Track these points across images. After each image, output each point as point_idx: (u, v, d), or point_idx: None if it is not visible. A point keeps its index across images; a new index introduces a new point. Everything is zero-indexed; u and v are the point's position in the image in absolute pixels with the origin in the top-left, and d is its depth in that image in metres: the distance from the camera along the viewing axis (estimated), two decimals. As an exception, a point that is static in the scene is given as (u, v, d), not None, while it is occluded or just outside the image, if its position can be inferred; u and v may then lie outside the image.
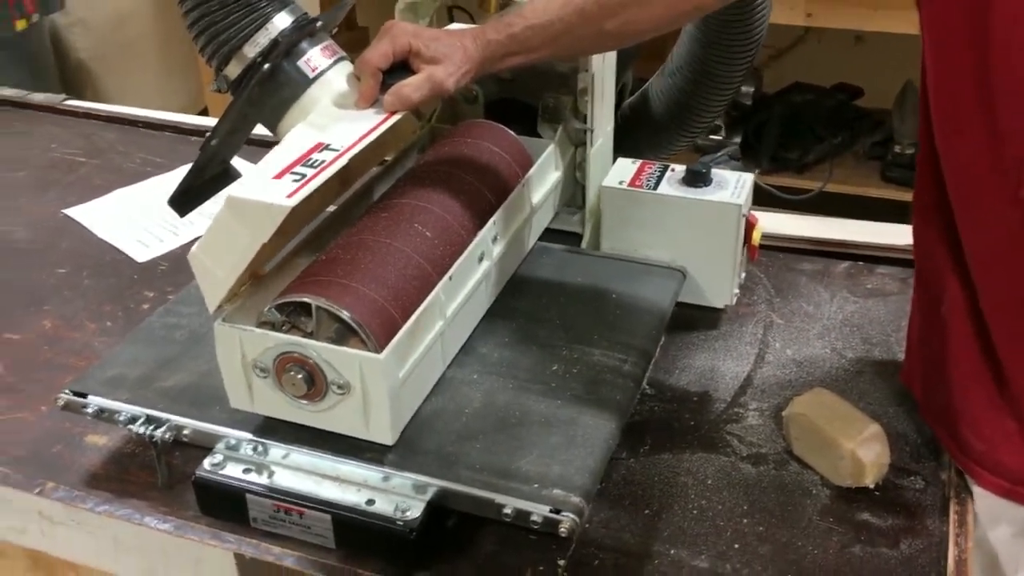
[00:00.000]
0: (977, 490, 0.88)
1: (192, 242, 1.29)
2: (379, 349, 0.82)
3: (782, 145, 2.42)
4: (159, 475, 0.93)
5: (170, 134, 1.63)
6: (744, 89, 2.44)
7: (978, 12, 0.73)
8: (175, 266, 1.27)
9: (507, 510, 0.80)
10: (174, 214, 0.97)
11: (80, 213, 1.38)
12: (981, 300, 0.83)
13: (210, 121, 1.67)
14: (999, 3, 0.73)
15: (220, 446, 0.88)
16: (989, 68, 0.74)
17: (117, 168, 1.50)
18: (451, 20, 1.20)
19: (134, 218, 1.36)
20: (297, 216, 0.91)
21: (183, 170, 0.94)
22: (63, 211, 1.39)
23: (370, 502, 0.82)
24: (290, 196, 0.77)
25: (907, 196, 2.32)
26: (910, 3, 0.83)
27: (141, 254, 1.29)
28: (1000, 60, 0.74)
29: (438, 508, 0.82)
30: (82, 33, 3.16)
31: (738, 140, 2.40)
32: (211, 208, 0.91)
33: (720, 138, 2.36)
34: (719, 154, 1.18)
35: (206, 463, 0.86)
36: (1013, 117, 0.75)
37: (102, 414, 0.93)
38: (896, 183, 2.45)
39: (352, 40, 2.97)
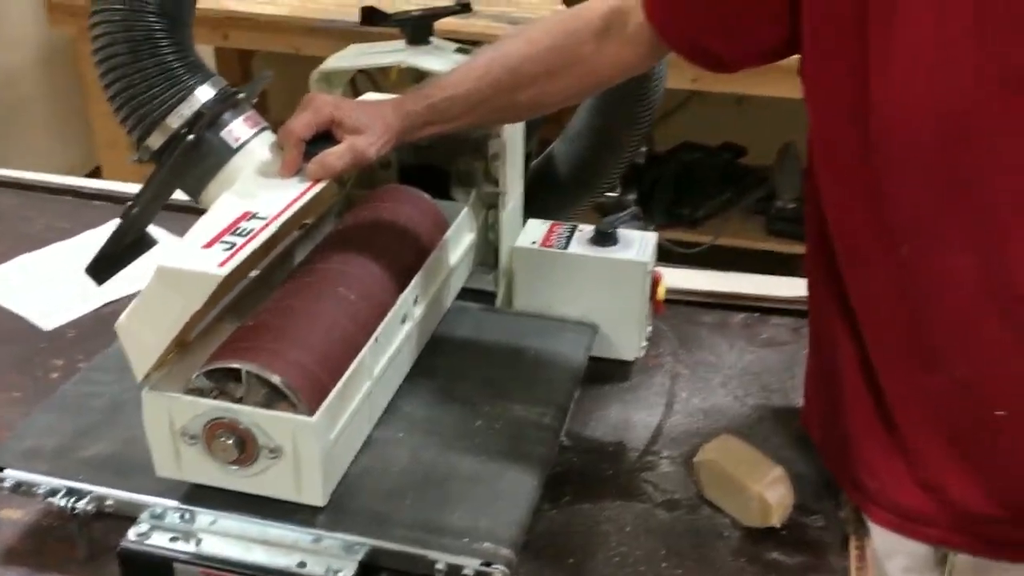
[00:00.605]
0: (873, 526, 0.95)
1: (102, 308, 1.29)
2: (310, 412, 0.83)
3: (675, 201, 2.54)
4: (80, 548, 0.91)
5: (70, 199, 1.60)
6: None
7: (858, 87, 0.81)
8: (85, 333, 1.25)
9: (439, 565, 0.82)
10: (81, 280, 0.96)
11: (-19, 281, 1.35)
12: (871, 353, 0.90)
13: (111, 185, 1.66)
14: (875, 79, 0.81)
15: (145, 515, 0.87)
16: (869, 139, 0.82)
17: (19, 234, 1.47)
18: (355, 88, 1.23)
19: (39, 284, 1.34)
20: (224, 283, 0.93)
21: (88, 235, 0.94)
22: (-37, 279, 1.35)
23: (301, 564, 0.83)
24: (222, 265, 0.79)
25: (790, 248, 2.47)
26: (787, 69, 0.91)
27: (48, 321, 1.27)
28: (879, 132, 0.82)
29: (370, 567, 0.84)
30: (-34, 93, 3.06)
31: (633, 197, 2.50)
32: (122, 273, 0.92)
33: (616, 195, 2.46)
34: (623, 214, 1.24)
35: (131, 533, 0.86)
36: (893, 183, 0.83)
37: (19, 488, 0.91)
38: (779, 236, 2.60)
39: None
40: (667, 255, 2.23)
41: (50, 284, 1.34)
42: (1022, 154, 0.77)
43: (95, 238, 1.32)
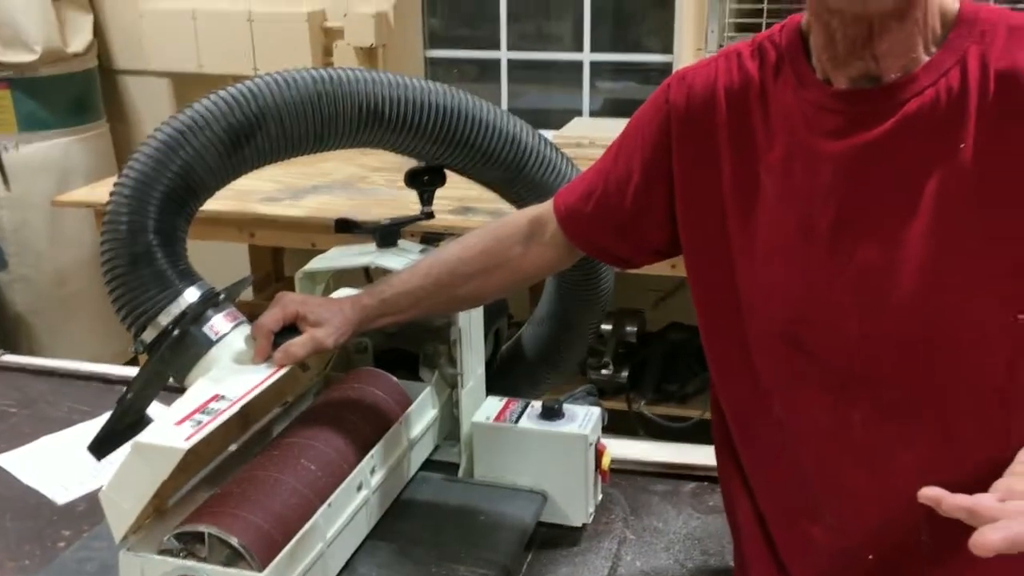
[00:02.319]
0: None
1: (109, 483, 1.43)
2: (261, 570, 0.95)
3: (664, 378, 2.67)
4: None
5: (97, 384, 1.78)
6: (629, 328, 2.71)
7: (727, 276, 0.97)
8: (92, 506, 1.39)
9: None
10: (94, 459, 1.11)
11: (7, 460, 1.51)
12: (762, 506, 1.01)
13: (133, 371, 1.83)
14: (740, 270, 0.96)
15: (120, 666, 0.98)
16: (741, 316, 0.97)
17: (45, 417, 1.64)
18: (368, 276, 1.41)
19: (58, 463, 1.49)
20: (199, 456, 1.08)
21: (106, 416, 1.10)
22: (-8, 459, 1.51)
23: None
24: (187, 439, 0.93)
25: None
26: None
27: (61, 496, 1.41)
28: (747, 311, 0.96)
29: None
30: (23, 289, 3.35)
31: (625, 374, 2.64)
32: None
33: (609, 372, 2.60)
34: (577, 391, 1.38)
35: None
36: (760, 353, 0.96)
37: (14, 642, 1.03)
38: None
39: (280, 289, 3.23)
40: (657, 429, 2.33)
41: (66, 462, 1.49)
42: (856, 330, 0.91)
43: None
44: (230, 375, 1.06)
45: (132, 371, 1.86)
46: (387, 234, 1.34)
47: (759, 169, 0.95)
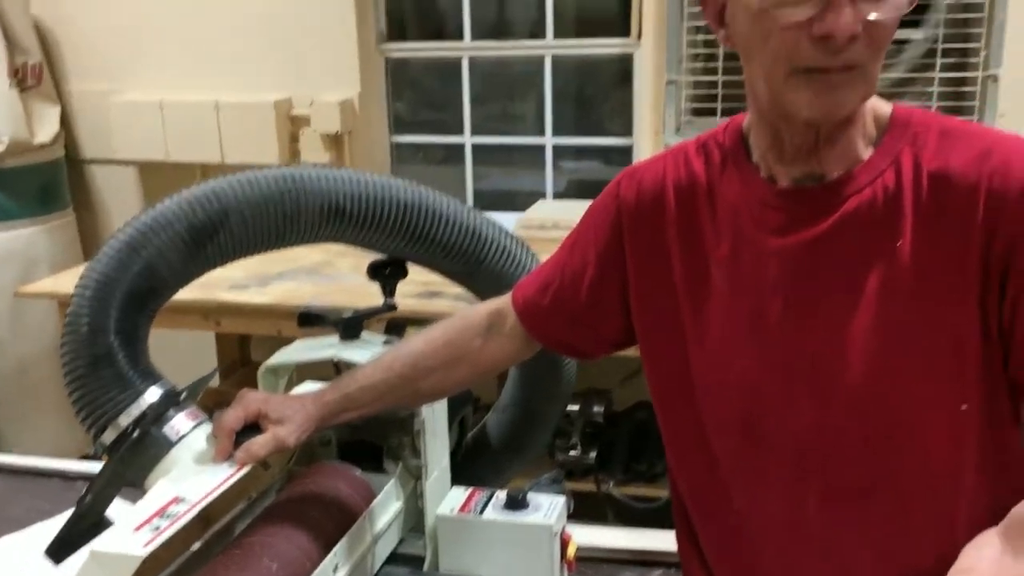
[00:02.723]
0: None
1: (68, 586, 1.40)
2: (222, 675, 0.94)
3: (632, 458, 2.67)
4: None
5: (57, 480, 1.76)
6: (596, 409, 2.72)
7: (682, 363, 0.99)
8: (50, 609, 1.36)
9: None
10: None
11: (-37, 563, 1.47)
12: None
13: (94, 466, 1.81)
14: (694, 358, 0.99)
15: None
16: (695, 405, 0.99)
17: (2, 517, 1.61)
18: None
19: (18, 563, 1.46)
20: (159, 560, 1.06)
21: (67, 515, 1.08)
22: (-54, 562, 1.48)
23: None
24: (145, 546, 0.92)
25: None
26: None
27: (19, 600, 1.38)
28: (702, 399, 0.98)
29: None
30: (-17, 382, 3.30)
31: (593, 454, 2.64)
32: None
33: (577, 453, 2.60)
34: (543, 478, 1.38)
35: None
36: (718, 441, 0.98)
37: None
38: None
39: (247, 375, 3.21)
40: (626, 510, 2.32)
41: (27, 562, 1.46)
42: (809, 419, 0.93)
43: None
44: (190, 476, 1.06)
45: (92, 466, 1.84)
46: (350, 326, 1.35)
47: (709, 263, 0.98)
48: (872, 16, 0.83)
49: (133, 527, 0.96)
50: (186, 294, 1.24)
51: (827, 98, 0.86)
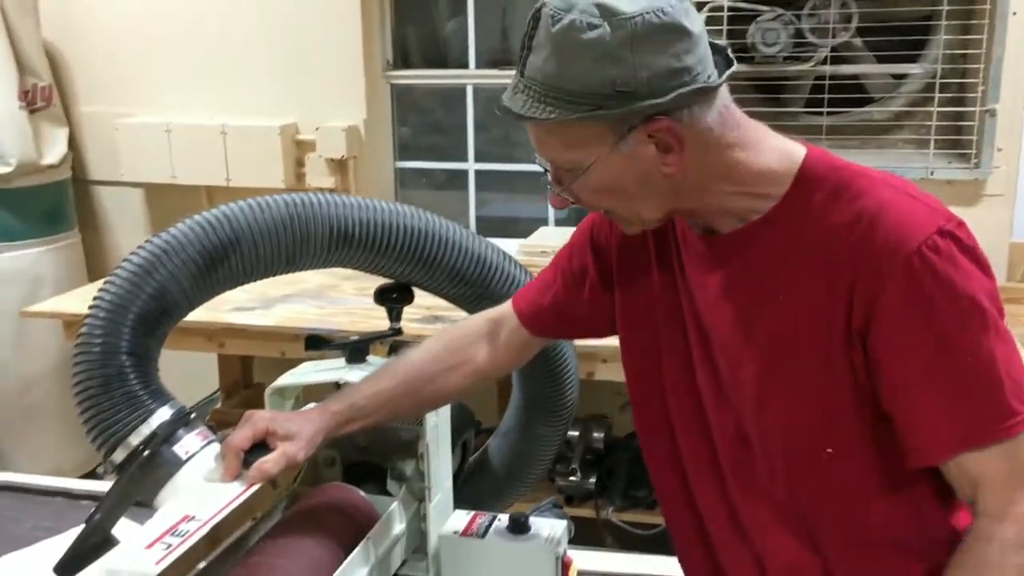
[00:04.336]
0: None
1: (73, 603, 1.41)
2: None
3: (631, 484, 2.68)
4: None
5: (61, 499, 1.77)
6: (596, 435, 2.74)
7: (655, 365, 1.09)
8: (54, 627, 1.37)
9: None
10: (58, 580, 1.10)
11: (-32, 580, 1.49)
12: None
13: (97, 485, 1.82)
14: (665, 361, 1.06)
15: None
16: (666, 406, 1.09)
17: (8, 535, 1.62)
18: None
19: (20, 582, 1.47)
20: (167, 576, 1.07)
21: (72, 533, 1.09)
22: (-50, 580, 1.49)
23: None
24: (157, 563, 0.94)
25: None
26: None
27: (24, 617, 1.39)
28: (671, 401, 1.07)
29: None
30: (-15, 401, 3.31)
31: (593, 480, 2.64)
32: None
33: (577, 479, 2.61)
34: (544, 503, 1.40)
35: None
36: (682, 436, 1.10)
37: None
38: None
39: (249, 397, 3.23)
40: (624, 536, 2.32)
41: (30, 581, 1.47)
42: (731, 429, 1.04)
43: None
44: (201, 495, 1.07)
45: (95, 485, 1.86)
46: (356, 350, 1.37)
47: (676, 280, 1.07)
48: (558, 192, 0.99)
49: (145, 545, 0.98)
50: (190, 315, 1.27)
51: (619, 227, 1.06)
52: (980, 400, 0.91)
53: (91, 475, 2.96)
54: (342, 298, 2.76)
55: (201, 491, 1.09)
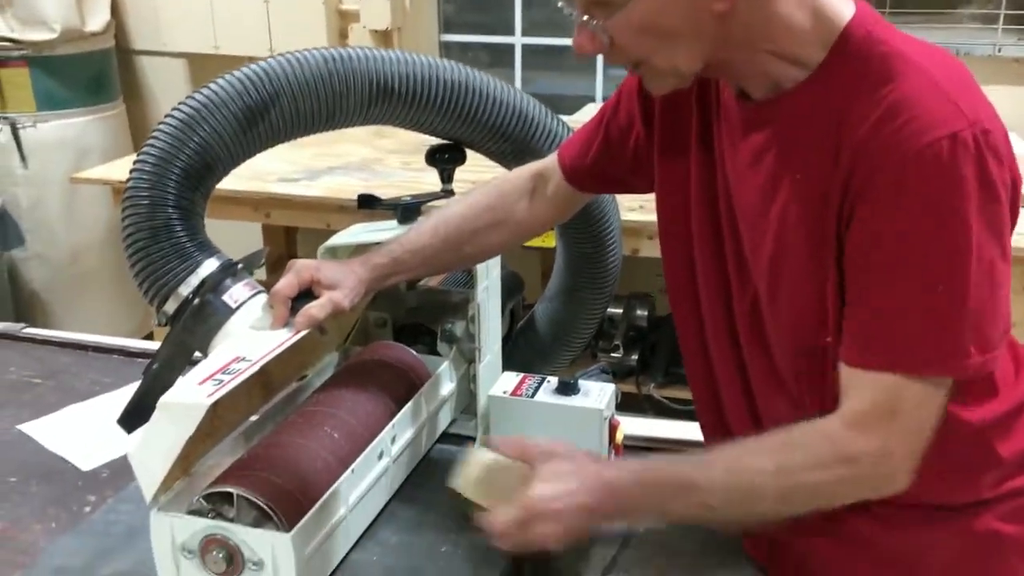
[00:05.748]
0: None
1: (132, 450, 1.46)
2: (289, 530, 0.98)
3: (673, 361, 2.69)
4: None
5: (118, 357, 1.81)
6: (639, 312, 2.74)
7: (683, 204, 1.08)
8: (116, 472, 1.42)
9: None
10: (118, 428, 1.13)
11: (33, 428, 1.54)
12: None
13: (151, 344, 1.86)
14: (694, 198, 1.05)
15: (148, 623, 1.01)
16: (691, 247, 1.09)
17: (69, 388, 1.67)
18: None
19: (82, 432, 1.52)
20: (224, 421, 1.10)
21: (129, 388, 1.12)
22: (17, 427, 1.54)
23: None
24: (209, 396, 0.95)
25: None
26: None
27: (86, 463, 1.45)
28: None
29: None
30: (38, 267, 3.39)
31: (635, 357, 2.66)
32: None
33: (619, 355, 2.62)
34: (592, 368, 1.41)
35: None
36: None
37: (48, 598, 1.06)
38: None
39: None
40: (666, 411, 2.34)
41: (90, 431, 1.52)
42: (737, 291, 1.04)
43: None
44: (250, 339, 1.08)
45: (151, 345, 1.90)
46: (408, 211, 1.36)
47: (713, 146, 1.03)
48: (591, 26, 0.89)
49: (197, 382, 0.99)
50: (237, 184, 1.27)
51: (646, 84, 0.98)
52: (931, 326, 0.86)
53: (146, 338, 3.04)
54: (387, 171, 2.75)
55: (251, 336, 1.10)
